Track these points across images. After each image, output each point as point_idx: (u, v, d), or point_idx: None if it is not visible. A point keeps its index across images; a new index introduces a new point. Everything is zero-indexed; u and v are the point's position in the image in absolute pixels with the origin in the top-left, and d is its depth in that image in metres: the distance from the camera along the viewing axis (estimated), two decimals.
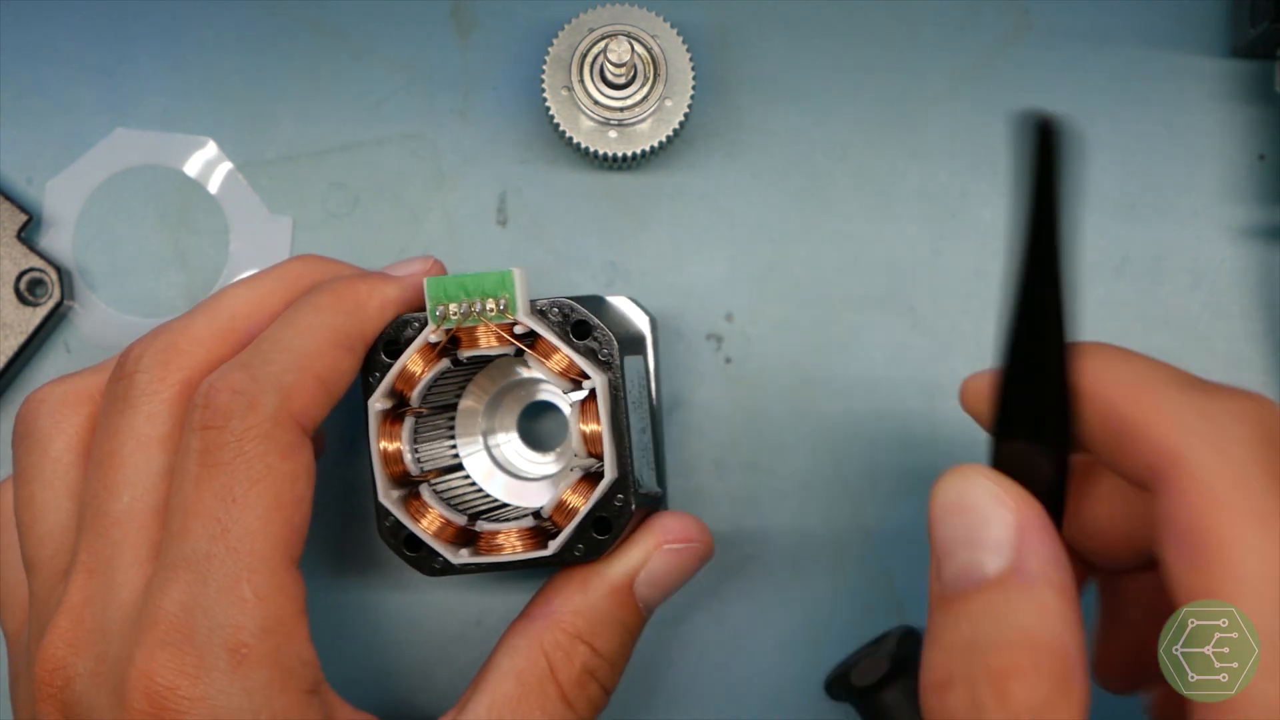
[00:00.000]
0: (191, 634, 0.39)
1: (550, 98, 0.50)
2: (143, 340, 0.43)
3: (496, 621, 0.51)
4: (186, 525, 0.40)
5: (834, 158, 0.52)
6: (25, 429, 0.44)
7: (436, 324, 0.43)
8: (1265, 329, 0.52)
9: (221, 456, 0.40)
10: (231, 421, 0.40)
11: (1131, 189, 0.52)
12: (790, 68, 0.52)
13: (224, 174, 0.52)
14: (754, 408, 0.51)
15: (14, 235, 0.50)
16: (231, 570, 0.39)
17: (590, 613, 0.44)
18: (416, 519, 0.44)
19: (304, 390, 0.42)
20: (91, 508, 0.41)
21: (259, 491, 0.40)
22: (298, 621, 0.40)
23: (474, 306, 0.43)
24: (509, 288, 0.43)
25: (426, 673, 0.51)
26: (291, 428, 0.41)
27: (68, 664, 0.40)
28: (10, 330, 0.50)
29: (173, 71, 0.52)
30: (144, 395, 0.42)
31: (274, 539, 0.40)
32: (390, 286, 0.44)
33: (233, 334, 0.43)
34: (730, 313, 0.52)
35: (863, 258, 0.52)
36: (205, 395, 0.40)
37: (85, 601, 0.40)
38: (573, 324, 0.43)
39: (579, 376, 0.43)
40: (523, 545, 0.44)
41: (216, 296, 0.44)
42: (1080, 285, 0.52)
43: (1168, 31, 0.52)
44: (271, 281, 0.45)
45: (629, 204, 0.52)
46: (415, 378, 0.44)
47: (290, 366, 0.41)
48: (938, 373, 0.51)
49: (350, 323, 0.43)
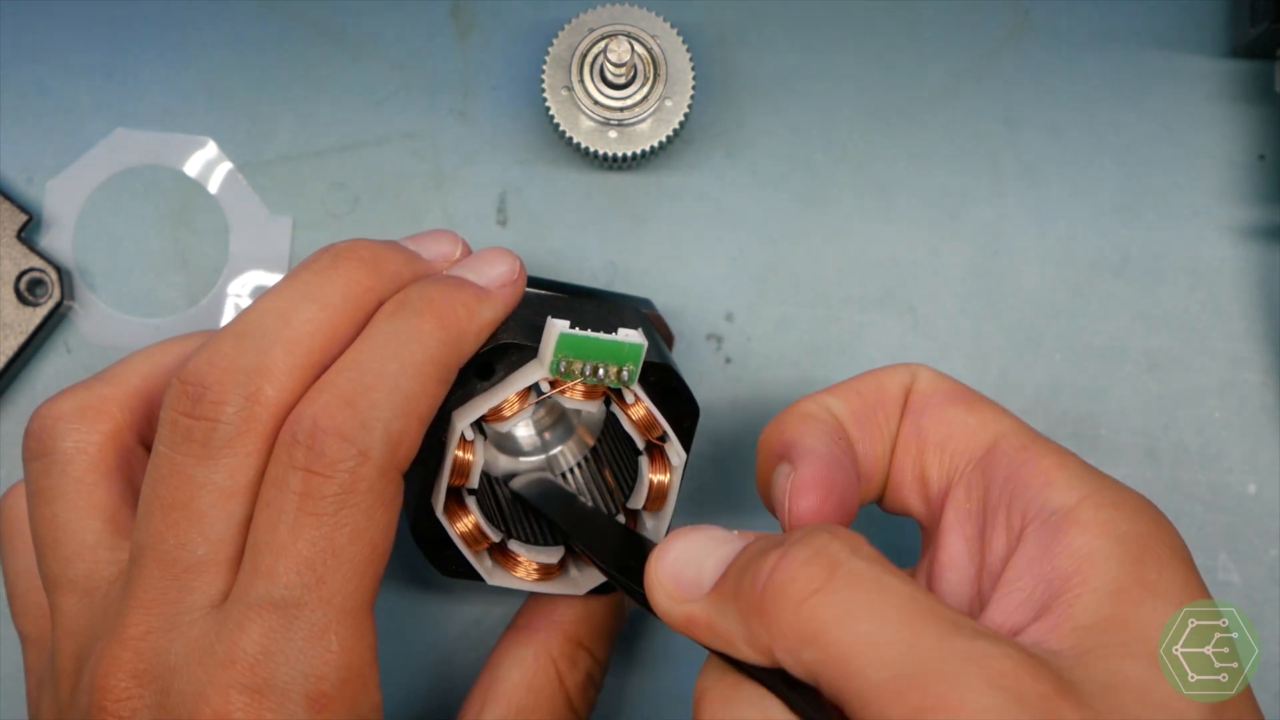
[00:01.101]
0: (272, 680, 0.38)
1: (550, 98, 0.50)
2: (214, 372, 0.40)
3: (495, 623, 0.51)
4: (276, 568, 0.38)
5: (834, 158, 0.52)
6: (42, 447, 0.43)
7: (554, 374, 0.43)
8: (1265, 329, 0.52)
9: (324, 506, 0.38)
10: (339, 472, 0.38)
11: (1131, 189, 0.52)
12: (790, 68, 0.52)
13: (224, 174, 0.52)
14: (754, 408, 0.51)
15: (14, 235, 0.50)
16: (321, 621, 0.38)
17: (591, 623, 0.46)
18: (454, 523, 0.44)
19: (409, 435, 0.40)
20: (156, 551, 0.39)
21: (359, 545, 0.39)
22: (372, 669, 0.39)
23: (598, 370, 0.43)
24: (636, 360, 0.43)
25: (423, 671, 0.51)
26: (395, 478, 0.40)
27: (132, 695, 0.39)
28: (10, 330, 0.50)
29: (173, 71, 0.52)
30: (228, 446, 0.39)
31: (365, 591, 0.39)
32: (487, 307, 0.42)
33: (312, 368, 0.40)
34: (730, 313, 0.52)
35: (863, 258, 0.52)
36: (310, 435, 0.38)
37: (144, 635, 0.39)
38: (664, 388, 0.44)
39: (657, 440, 0.44)
40: (543, 575, 0.45)
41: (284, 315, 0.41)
42: (1080, 285, 0.52)
43: (1168, 31, 0.52)
44: (339, 299, 0.41)
45: (629, 204, 0.52)
46: (504, 414, 0.43)
47: (398, 410, 0.39)
48: None
49: (452, 354, 0.41)
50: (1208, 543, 0.51)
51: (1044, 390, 0.52)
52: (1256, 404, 0.51)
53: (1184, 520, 0.51)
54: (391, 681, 0.51)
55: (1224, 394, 0.52)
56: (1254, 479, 0.51)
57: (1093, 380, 0.52)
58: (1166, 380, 0.52)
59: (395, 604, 0.51)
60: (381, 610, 0.51)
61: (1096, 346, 0.52)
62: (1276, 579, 0.51)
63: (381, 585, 0.51)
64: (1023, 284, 0.52)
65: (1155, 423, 0.52)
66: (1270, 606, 0.51)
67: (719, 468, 0.51)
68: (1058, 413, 0.51)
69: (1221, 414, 0.52)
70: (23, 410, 0.52)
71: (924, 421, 0.42)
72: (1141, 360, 0.52)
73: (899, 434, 0.42)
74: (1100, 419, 0.51)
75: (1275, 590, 0.51)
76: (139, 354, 0.44)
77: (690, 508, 0.51)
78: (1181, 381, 0.52)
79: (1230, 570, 0.51)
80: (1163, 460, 0.51)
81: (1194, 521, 0.51)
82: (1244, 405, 0.51)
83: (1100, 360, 0.52)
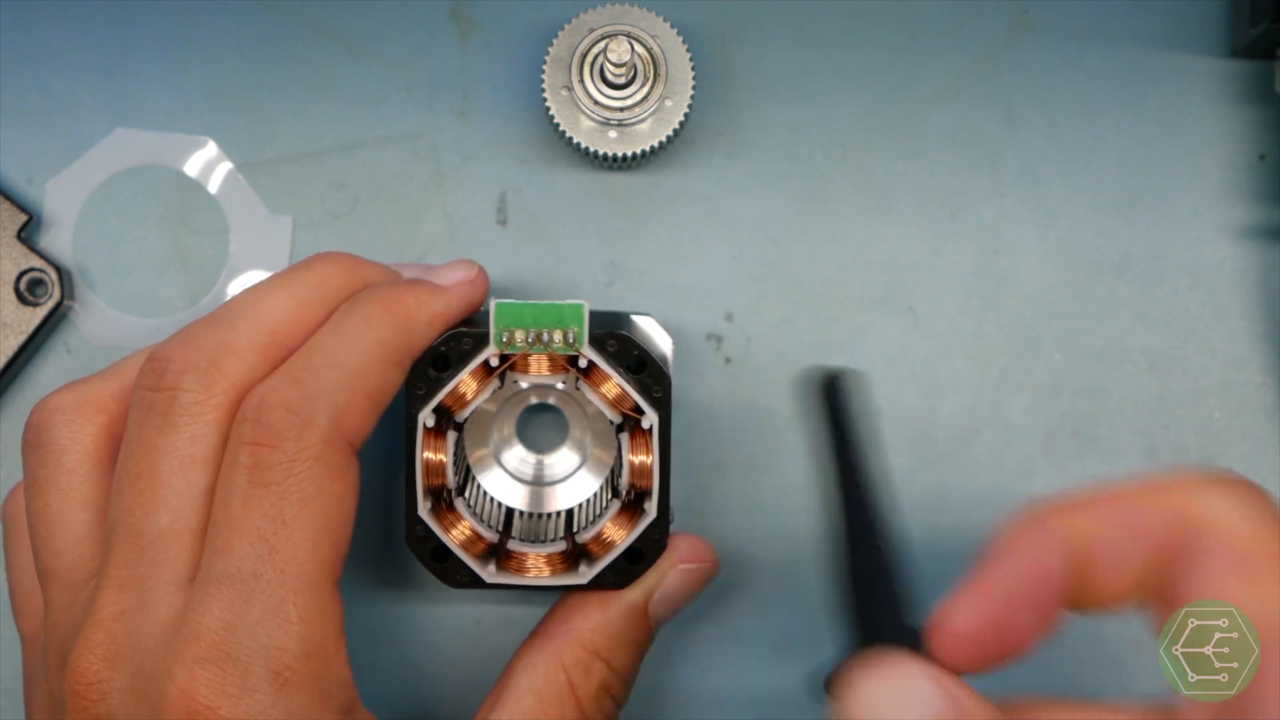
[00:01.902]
0: (234, 653, 0.38)
1: (550, 98, 0.50)
2: (181, 348, 0.42)
3: (494, 622, 0.51)
4: (231, 543, 0.39)
5: (834, 158, 0.52)
6: (38, 439, 0.43)
7: (500, 348, 0.44)
8: (1265, 329, 0.52)
9: (272, 476, 0.39)
10: (285, 441, 0.39)
11: (1131, 189, 0.52)
12: (790, 68, 0.52)
13: (224, 174, 0.52)
14: (754, 408, 0.51)
15: (14, 235, 0.50)
16: (278, 591, 0.39)
17: (608, 630, 0.45)
18: (447, 530, 0.44)
19: (356, 409, 0.41)
20: (124, 525, 0.40)
21: (310, 513, 0.39)
22: (338, 644, 0.40)
23: (542, 336, 0.44)
24: (579, 321, 0.44)
25: (424, 673, 0.51)
26: (342, 447, 0.40)
27: (103, 678, 0.39)
28: (10, 330, 0.50)
29: (173, 71, 0.52)
30: (187, 414, 0.41)
31: (321, 561, 0.39)
32: (439, 300, 0.44)
33: (274, 348, 0.42)
34: (730, 313, 0.52)
35: (863, 258, 0.52)
36: (257, 410, 0.40)
37: (116, 616, 0.40)
38: (631, 358, 0.44)
39: (631, 411, 0.44)
40: (552, 570, 0.45)
41: (254, 302, 0.43)
42: (1080, 285, 0.52)
43: (1168, 31, 0.52)
44: (310, 290, 0.43)
45: (629, 204, 0.52)
46: (466, 398, 0.44)
47: (343, 384, 0.41)
48: (938, 373, 0.51)
49: (400, 338, 0.43)
50: None
51: (1044, 390, 0.52)
52: (1256, 404, 0.51)
53: None
54: (389, 684, 0.51)
55: (1224, 394, 0.52)
56: (1254, 479, 0.51)
57: (1093, 380, 0.52)
58: (1166, 380, 0.52)
59: (386, 603, 0.51)
60: (374, 611, 0.51)
61: (1096, 346, 0.52)
62: None
63: (379, 590, 0.51)
64: (1023, 284, 0.52)
65: (1155, 423, 0.52)
66: None
67: (719, 468, 0.51)
68: (1058, 413, 0.51)
69: (1221, 414, 0.52)
70: (23, 410, 0.51)
71: (1183, 584, 0.34)
72: (1141, 360, 0.52)
73: (1145, 581, 0.35)
74: (1100, 419, 0.51)
75: None
76: (141, 351, 0.45)
77: (692, 509, 0.51)
78: (1181, 381, 0.52)
79: None
80: (1163, 460, 0.51)
81: None
82: (1244, 405, 0.51)
83: (1100, 360, 0.52)
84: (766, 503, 0.51)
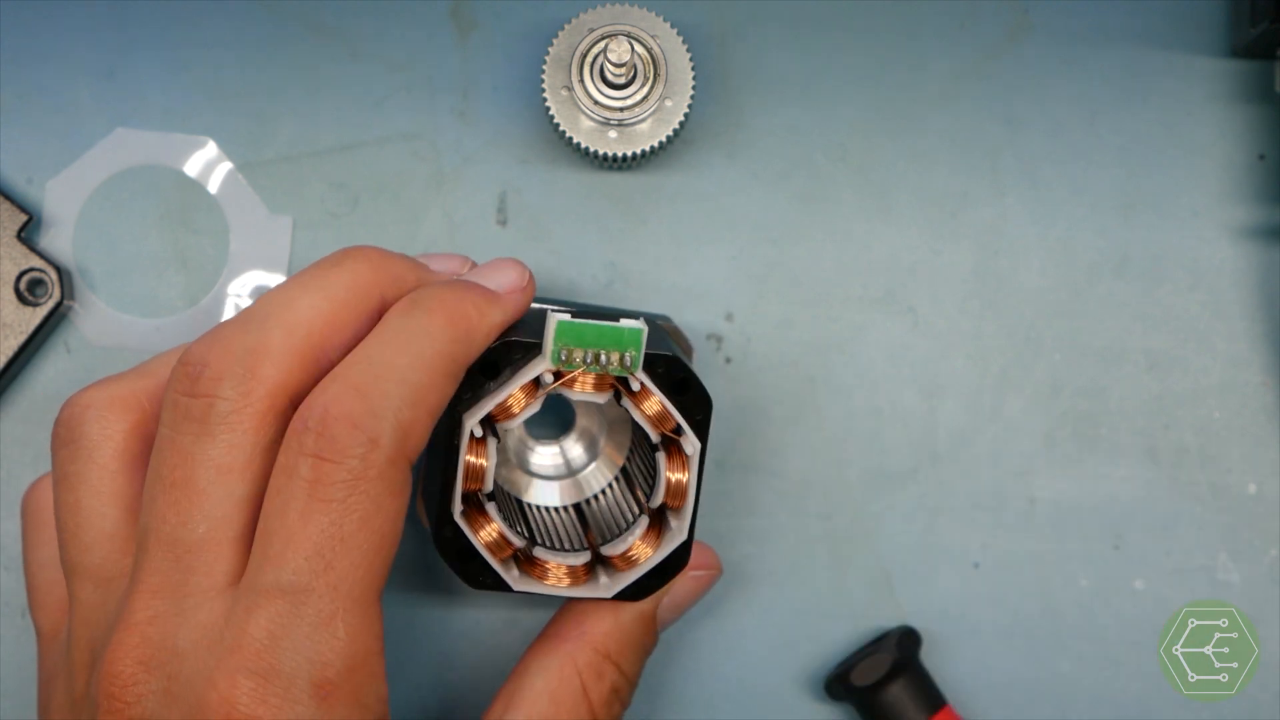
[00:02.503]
0: (278, 665, 0.38)
1: (550, 98, 0.50)
2: (216, 351, 0.41)
3: (495, 622, 0.51)
4: (286, 554, 0.39)
5: (834, 158, 0.52)
6: (70, 434, 0.43)
7: (556, 364, 0.43)
8: (1265, 329, 0.52)
9: (334, 493, 0.39)
10: (349, 459, 0.39)
11: (1131, 189, 0.52)
12: (790, 68, 0.52)
13: (224, 174, 0.52)
14: (754, 408, 0.51)
15: (14, 235, 0.50)
16: (328, 608, 0.38)
17: (620, 635, 0.46)
18: (476, 532, 0.44)
19: (419, 426, 0.40)
20: (159, 533, 0.40)
21: (368, 531, 0.39)
22: (379, 659, 0.40)
23: (600, 357, 0.43)
24: (637, 345, 0.43)
25: (429, 673, 0.51)
26: (404, 467, 0.40)
27: (139, 680, 0.39)
28: (10, 330, 0.50)
29: (173, 71, 0.52)
30: (225, 422, 0.40)
31: (373, 579, 0.39)
32: (497, 310, 0.43)
33: (310, 351, 0.41)
34: (730, 313, 0.52)
35: (863, 258, 0.52)
36: (320, 421, 0.39)
37: (151, 620, 0.39)
38: (675, 379, 0.44)
39: (671, 432, 0.44)
40: (574, 580, 0.45)
41: (287, 303, 0.42)
42: (1080, 285, 0.52)
43: (1168, 31, 0.52)
44: (343, 290, 0.42)
45: (629, 204, 0.52)
46: (513, 410, 0.44)
47: (408, 401, 0.40)
48: (938, 373, 0.52)
49: (461, 350, 0.42)
50: (1208, 543, 0.51)
51: (1044, 390, 0.52)
52: (1256, 404, 0.51)
53: (1184, 520, 0.51)
54: (398, 685, 0.51)
55: (1224, 394, 0.52)
56: (1254, 479, 0.51)
57: (1093, 380, 0.52)
58: (1166, 380, 0.52)
59: (403, 609, 0.51)
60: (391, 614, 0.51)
61: (1096, 346, 0.52)
62: (1276, 579, 0.51)
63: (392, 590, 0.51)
64: (1023, 284, 0.52)
65: (1155, 423, 0.52)
66: (1270, 606, 0.51)
67: (720, 468, 0.51)
68: (1058, 413, 0.52)
69: (1221, 414, 0.52)
70: (23, 410, 0.52)
71: None
72: (1141, 360, 0.52)
73: None
74: (1100, 419, 0.52)
75: (1275, 590, 0.51)
76: (172, 350, 0.45)
77: None
78: (1181, 381, 0.52)
79: (1230, 570, 0.51)
80: (1163, 460, 0.51)
81: (1194, 521, 0.51)
82: (1244, 405, 0.52)
83: (1100, 360, 0.52)
84: (766, 503, 0.51)
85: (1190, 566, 0.51)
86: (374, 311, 0.43)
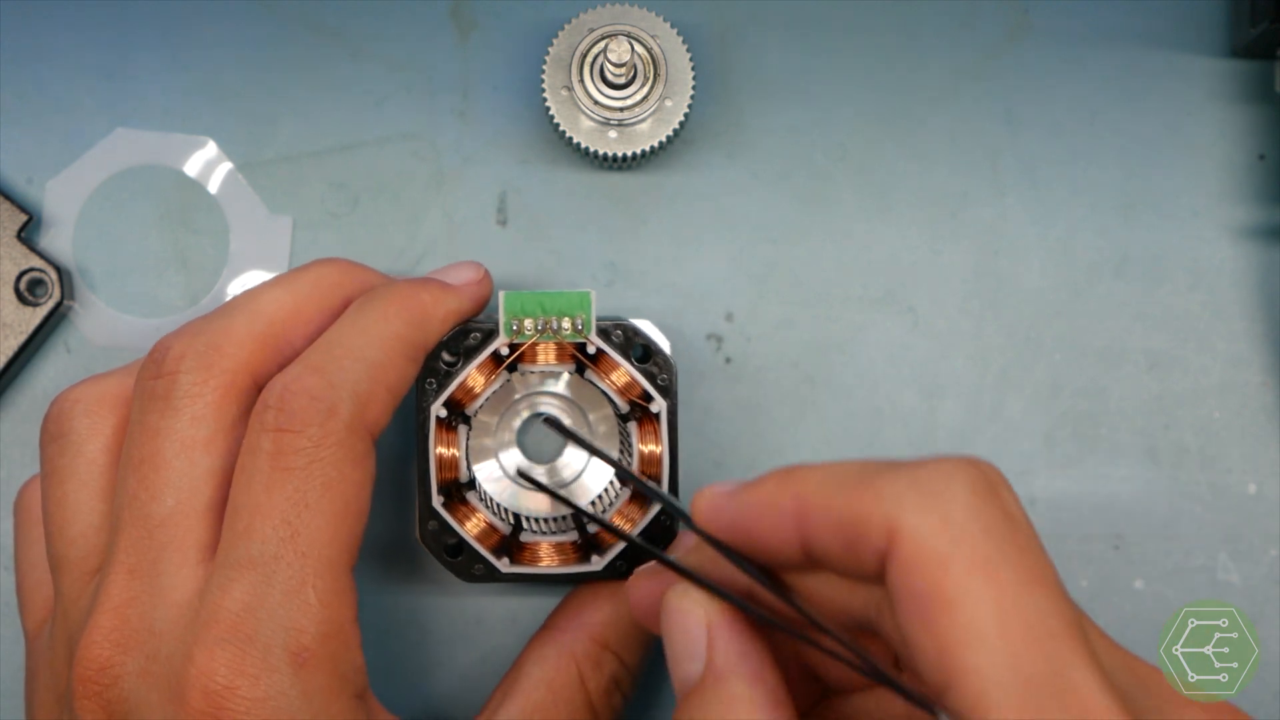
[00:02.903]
0: (254, 634, 0.39)
1: (550, 98, 0.50)
2: (180, 338, 0.43)
3: (496, 621, 0.51)
4: (253, 526, 0.40)
5: (834, 158, 0.52)
6: (59, 429, 0.44)
7: (509, 336, 0.45)
8: (1265, 329, 0.52)
9: (295, 461, 0.40)
10: (309, 427, 0.40)
11: (1131, 189, 0.52)
12: (790, 68, 0.52)
13: (224, 174, 0.52)
14: (754, 408, 0.51)
15: (14, 235, 0.50)
16: (298, 573, 0.39)
17: (619, 624, 0.46)
18: (462, 523, 0.45)
19: (377, 399, 0.42)
20: (131, 509, 0.41)
21: (331, 497, 0.40)
22: (353, 628, 0.40)
23: (550, 323, 0.45)
24: (586, 308, 0.45)
25: (427, 671, 0.51)
26: (364, 436, 0.41)
27: (114, 662, 0.40)
28: (10, 330, 0.50)
29: (173, 71, 0.52)
30: (187, 397, 0.42)
31: (340, 545, 0.40)
32: (450, 298, 0.45)
33: (271, 339, 0.43)
34: (730, 313, 0.52)
35: (863, 258, 0.52)
36: (280, 398, 0.41)
37: (128, 601, 0.40)
38: (636, 347, 0.45)
39: (639, 398, 0.45)
40: (563, 559, 0.45)
41: (252, 297, 0.44)
42: (1080, 285, 0.52)
43: (1168, 31, 0.52)
44: (307, 287, 0.45)
45: (629, 204, 0.52)
46: (475, 391, 0.45)
47: (364, 376, 0.42)
48: (938, 373, 0.51)
49: (416, 333, 0.44)
50: (1208, 543, 0.51)
51: (1044, 390, 0.52)
52: (1256, 404, 0.51)
53: (1184, 520, 0.51)
54: (397, 682, 0.51)
55: (1224, 394, 0.52)
56: (1254, 479, 0.51)
57: (1093, 380, 0.52)
58: (1166, 380, 0.52)
59: (391, 603, 0.51)
60: (379, 610, 0.51)
61: (1096, 346, 0.52)
62: (1276, 579, 0.51)
63: (383, 586, 0.51)
64: (1023, 284, 0.52)
65: (1155, 423, 0.52)
66: (1270, 606, 0.51)
67: (721, 469, 0.51)
68: (1058, 413, 0.51)
69: (1221, 414, 0.52)
70: (23, 410, 0.52)
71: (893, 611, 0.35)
72: (1141, 360, 0.52)
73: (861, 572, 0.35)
74: (1100, 419, 0.51)
75: (1275, 590, 0.51)
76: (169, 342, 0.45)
77: None
78: (1181, 381, 0.52)
79: (1230, 570, 0.51)
80: (1163, 460, 0.51)
81: (1194, 521, 0.51)
82: (1244, 405, 0.51)
83: (1100, 360, 0.52)
84: None
85: (1190, 566, 0.51)
86: (337, 309, 0.45)
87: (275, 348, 0.43)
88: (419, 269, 0.51)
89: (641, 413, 0.46)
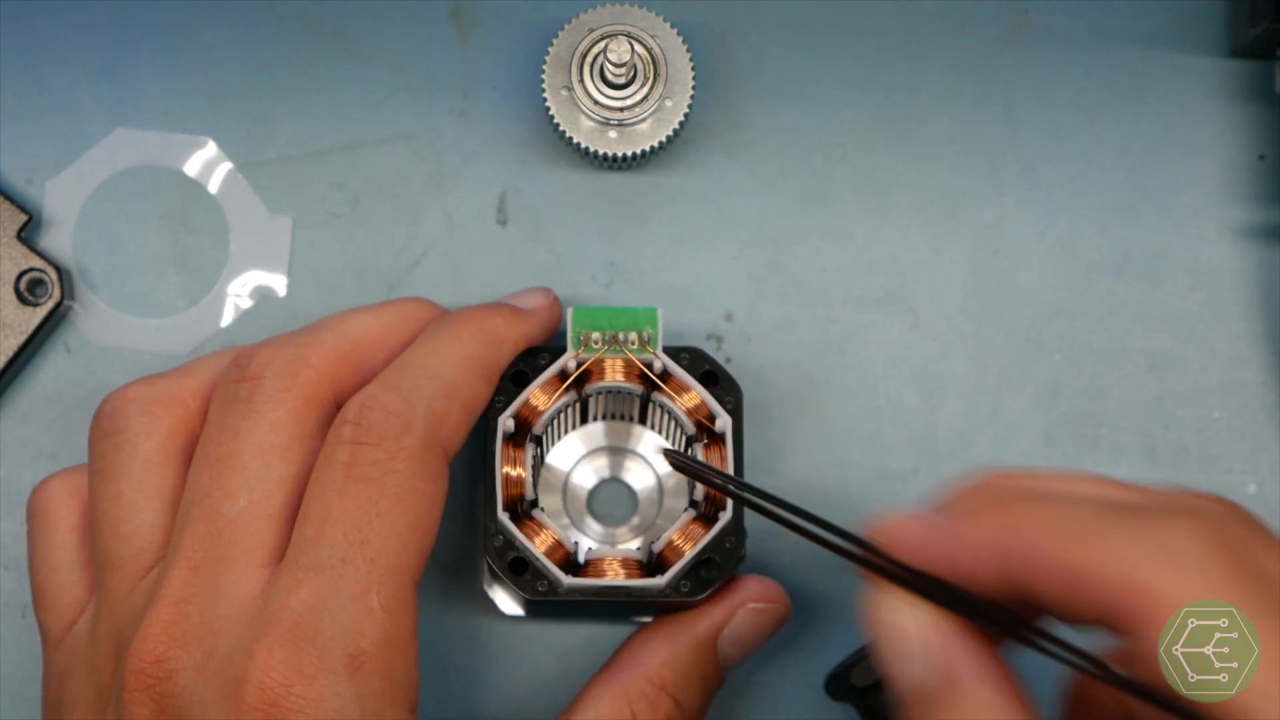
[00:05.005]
0: (314, 635, 0.39)
1: (550, 98, 0.50)
2: (267, 346, 0.44)
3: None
4: (324, 531, 0.40)
5: (834, 158, 0.52)
6: (113, 426, 0.44)
7: (577, 350, 0.46)
8: (1265, 329, 0.52)
9: (370, 471, 0.41)
10: (385, 440, 0.41)
11: (1131, 189, 0.52)
12: (790, 68, 0.52)
13: (224, 174, 0.52)
14: (754, 408, 0.51)
15: (14, 235, 0.50)
16: (364, 579, 0.40)
17: (676, 665, 0.45)
18: (530, 538, 0.45)
19: (452, 418, 0.43)
20: (202, 506, 0.41)
21: (402, 509, 0.41)
22: (411, 641, 0.41)
23: (618, 337, 0.46)
24: (653, 323, 0.46)
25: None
26: (439, 453, 0.42)
27: (170, 656, 0.40)
28: (10, 330, 0.50)
29: (173, 71, 0.52)
30: (270, 402, 0.42)
31: (408, 557, 0.40)
32: (522, 322, 0.46)
33: (355, 358, 0.44)
34: (730, 313, 0.52)
35: (863, 258, 0.52)
36: (358, 412, 0.41)
37: (188, 597, 0.40)
38: (702, 370, 0.46)
39: (705, 419, 0.46)
40: (628, 573, 0.45)
41: (340, 318, 0.45)
42: (1080, 285, 0.52)
43: (1168, 31, 0.52)
44: (391, 315, 0.46)
45: (629, 204, 0.52)
46: (539, 409, 0.46)
47: (440, 394, 0.43)
48: (938, 373, 0.51)
49: (490, 354, 0.45)
50: None
51: (1044, 390, 0.52)
52: (1256, 404, 0.51)
53: None
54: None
55: (1224, 394, 0.52)
56: (1254, 479, 0.51)
57: (1093, 380, 0.52)
58: (1166, 380, 0.52)
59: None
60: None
61: (1096, 346, 0.52)
62: None
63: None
64: (1023, 284, 0.52)
65: (1155, 423, 0.52)
66: None
67: None
68: (1058, 413, 0.51)
69: (1221, 414, 0.52)
70: (23, 410, 0.51)
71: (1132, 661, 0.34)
72: (1141, 360, 0.52)
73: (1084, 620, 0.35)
74: (1100, 419, 0.51)
75: None
76: (217, 352, 0.46)
77: None
78: (1181, 381, 0.52)
79: None
80: (1163, 460, 0.51)
81: None
82: (1244, 405, 0.52)
83: (1100, 360, 0.52)
84: None
85: None
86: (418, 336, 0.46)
87: (357, 366, 0.44)
88: (419, 269, 0.51)
89: (708, 435, 0.46)
